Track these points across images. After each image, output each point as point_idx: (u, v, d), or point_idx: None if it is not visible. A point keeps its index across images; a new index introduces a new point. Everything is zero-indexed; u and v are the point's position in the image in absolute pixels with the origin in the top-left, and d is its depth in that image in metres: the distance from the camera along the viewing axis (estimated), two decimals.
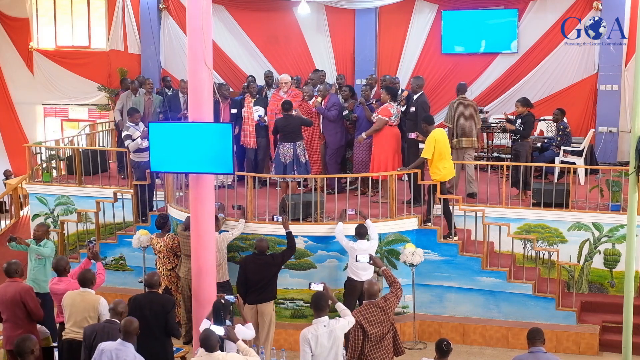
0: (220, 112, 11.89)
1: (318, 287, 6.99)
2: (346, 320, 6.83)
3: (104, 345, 6.51)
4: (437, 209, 10.63)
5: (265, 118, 12.04)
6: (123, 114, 12.91)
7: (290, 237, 9.41)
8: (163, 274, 9.99)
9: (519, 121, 11.31)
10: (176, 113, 12.10)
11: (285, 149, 10.88)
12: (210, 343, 6.22)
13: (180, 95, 12.81)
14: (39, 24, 17.12)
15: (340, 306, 7.02)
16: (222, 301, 7.23)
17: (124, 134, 11.65)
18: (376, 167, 10.98)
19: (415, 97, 11.14)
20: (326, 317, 6.73)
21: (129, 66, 15.95)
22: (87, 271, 7.75)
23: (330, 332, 6.66)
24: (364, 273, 9.52)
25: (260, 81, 13.42)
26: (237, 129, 12.05)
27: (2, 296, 7.74)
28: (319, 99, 11.72)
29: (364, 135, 11.12)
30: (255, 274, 8.99)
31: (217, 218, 9.59)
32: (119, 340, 6.50)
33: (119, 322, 6.86)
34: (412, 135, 10.91)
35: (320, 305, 6.75)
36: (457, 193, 10.82)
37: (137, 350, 6.62)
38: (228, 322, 7.21)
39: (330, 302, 6.93)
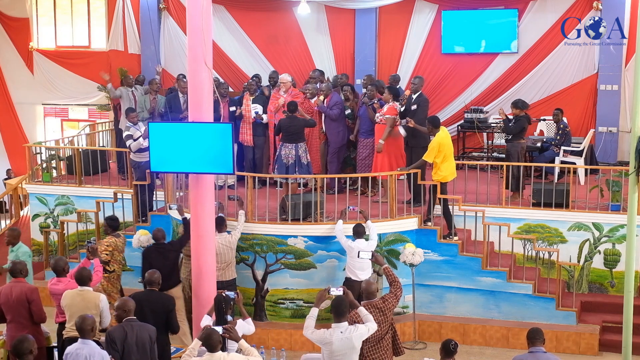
0: (221, 112, 11.88)
1: (338, 292, 6.90)
2: (366, 327, 6.72)
3: (68, 350, 6.53)
4: (437, 209, 10.64)
5: (263, 116, 12.03)
6: (121, 108, 13.15)
7: (186, 222, 9.53)
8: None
9: (512, 122, 11.36)
10: (177, 113, 12.08)
11: (288, 150, 10.89)
12: (212, 342, 6.19)
13: (180, 95, 12.67)
14: (39, 24, 17.09)
15: (362, 311, 6.86)
16: (224, 295, 7.24)
17: (124, 134, 11.65)
18: (379, 167, 10.98)
19: (414, 96, 11.15)
20: (345, 323, 6.64)
21: (129, 66, 15.93)
22: (83, 269, 7.71)
23: (346, 339, 6.57)
24: (362, 273, 9.54)
25: (265, 81, 13.42)
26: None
27: (7, 296, 7.64)
28: (321, 97, 11.72)
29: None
30: (157, 261, 9.15)
31: (222, 218, 9.65)
32: (79, 340, 6.53)
33: (136, 318, 6.91)
34: (403, 122, 10.88)
35: (340, 310, 6.65)
36: (456, 192, 10.83)
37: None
38: (230, 318, 7.22)
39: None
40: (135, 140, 11.40)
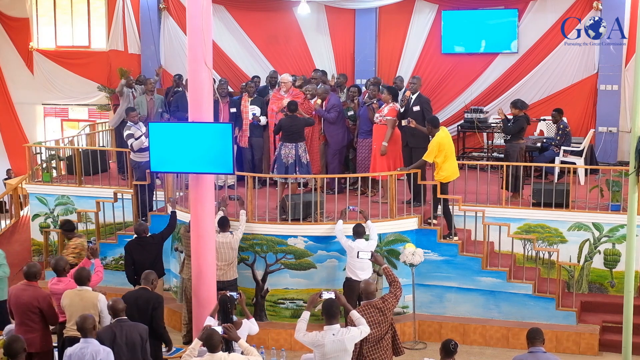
0: (220, 112, 11.88)
1: (330, 295, 6.87)
2: (359, 329, 6.67)
3: (70, 351, 6.52)
4: (438, 209, 10.65)
5: (261, 118, 12.02)
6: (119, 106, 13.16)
7: (173, 215, 9.79)
8: None
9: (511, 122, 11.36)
10: (184, 113, 12.07)
11: (288, 149, 10.89)
12: (213, 342, 6.19)
13: (188, 95, 12.67)
14: (39, 24, 17.10)
15: (354, 314, 6.81)
16: (228, 295, 7.24)
17: (125, 133, 11.63)
18: (377, 167, 10.98)
19: (414, 97, 11.16)
20: (337, 326, 6.60)
21: (129, 66, 15.92)
22: (82, 269, 7.72)
23: (338, 341, 6.53)
24: (362, 273, 9.54)
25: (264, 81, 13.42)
26: (237, 129, 12.03)
27: (16, 299, 7.60)
28: (319, 100, 11.72)
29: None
30: (139, 255, 9.41)
31: (226, 219, 9.68)
32: (81, 339, 6.52)
33: (127, 318, 6.90)
34: (404, 122, 10.89)
35: (331, 312, 6.62)
36: (456, 192, 10.83)
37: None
38: (235, 318, 7.22)
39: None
40: (136, 139, 11.38)
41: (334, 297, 6.77)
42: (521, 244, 10.74)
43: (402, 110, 11.12)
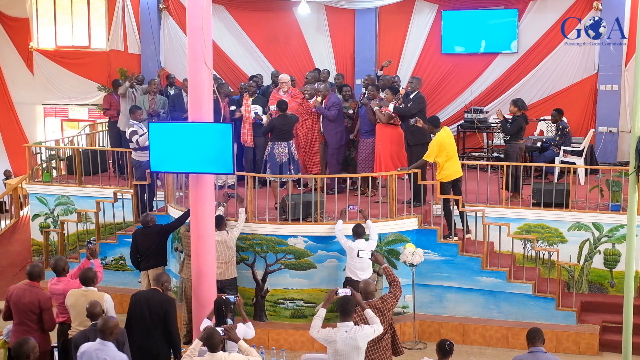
0: (221, 111, 11.88)
1: (346, 292, 6.86)
2: (372, 328, 6.69)
3: (84, 348, 6.48)
4: (437, 209, 10.65)
5: (263, 117, 12.05)
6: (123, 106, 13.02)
7: (186, 213, 9.75)
8: None
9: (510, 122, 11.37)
10: (180, 113, 12.08)
11: (280, 148, 10.90)
12: (213, 342, 6.19)
13: (184, 94, 12.72)
14: (39, 24, 17.11)
15: (369, 313, 6.82)
16: (224, 297, 7.24)
17: (129, 130, 11.61)
18: (383, 166, 10.99)
19: (411, 96, 11.17)
20: (351, 323, 6.63)
21: (129, 66, 15.94)
22: (88, 270, 7.73)
23: (350, 338, 6.55)
24: (362, 273, 9.54)
25: (267, 80, 13.43)
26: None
27: (18, 298, 7.58)
28: (319, 98, 11.73)
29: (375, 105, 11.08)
30: (142, 243, 9.88)
31: (221, 217, 9.69)
32: (98, 340, 6.44)
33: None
34: (412, 121, 10.89)
35: (346, 310, 6.63)
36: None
37: (133, 349, 6.63)
38: (229, 321, 7.22)
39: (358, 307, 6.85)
40: (141, 136, 11.36)
41: (350, 295, 6.80)
42: (521, 244, 10.74)
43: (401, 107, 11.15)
